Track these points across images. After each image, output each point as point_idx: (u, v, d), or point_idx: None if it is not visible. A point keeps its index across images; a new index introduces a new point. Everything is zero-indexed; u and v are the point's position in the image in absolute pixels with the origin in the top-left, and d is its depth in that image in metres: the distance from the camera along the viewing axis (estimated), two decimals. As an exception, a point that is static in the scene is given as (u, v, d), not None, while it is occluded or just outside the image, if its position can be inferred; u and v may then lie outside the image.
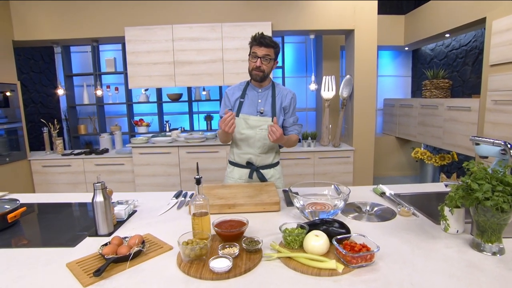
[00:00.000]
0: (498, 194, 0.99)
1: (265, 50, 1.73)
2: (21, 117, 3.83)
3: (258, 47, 1.74)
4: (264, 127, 1.84)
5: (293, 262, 1.00)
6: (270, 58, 1.76)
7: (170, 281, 0.95)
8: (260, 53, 1.73)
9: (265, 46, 1.73)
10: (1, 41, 3.61)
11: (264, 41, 1.73)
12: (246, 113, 1.86)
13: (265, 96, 1.88)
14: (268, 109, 1.86)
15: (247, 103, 1.88)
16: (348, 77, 3.88)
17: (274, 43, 1.77)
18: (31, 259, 1.11)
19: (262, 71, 1.77)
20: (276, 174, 1.99)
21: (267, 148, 1.89)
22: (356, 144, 3.92)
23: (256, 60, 1.75)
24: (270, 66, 1.80)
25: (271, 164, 1.97)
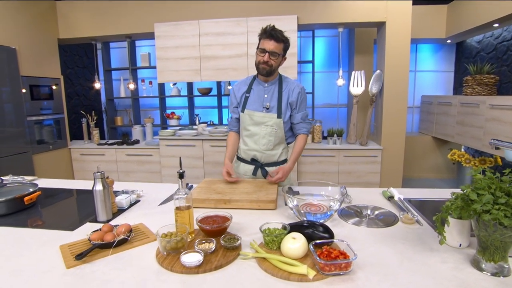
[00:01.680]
0: (499, 207, 0.87)
1: (274, 44, 1.67)
2: (63, 109, 4.16)
3: (268, 40, 1.68)
4: (269, 123, 1.80)
5: (266, 263, 0.98)
6: (278, 54, 1.70)
7: (143, 270, 0.98)
8: (269, 48, 1.67)
9: (275, 40, 1.67)
10: (48, 39, 3.94)
11: (275, 34, 1.66)
12: (251, 109, 1.82)
13: (272, 91, 1.82)
14: (274, 104, 1.80)
15: (252, 98, 1.83)
16: (378, 72, 3.67)
17: (285, 38, 1.71)
18: (33, 239, 1.21)
19: (270, 65, 1.71)
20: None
21: (272, 145, 1.85)
22: (384, 143, 3.71)
23: (264, 55, 1.70)
24: (278, 61, 1.74)
25: (277, 162, 1.91)
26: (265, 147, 1.85)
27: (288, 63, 3.69)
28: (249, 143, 1.88)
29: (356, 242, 1.14)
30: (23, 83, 3.53)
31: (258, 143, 1.85)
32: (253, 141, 1.86)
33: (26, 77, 3.57)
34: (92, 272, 0.98)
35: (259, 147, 1.86)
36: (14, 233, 1.28)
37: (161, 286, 0.90)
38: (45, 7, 3.90)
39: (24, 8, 3.59)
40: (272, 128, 1.82)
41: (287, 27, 3.59)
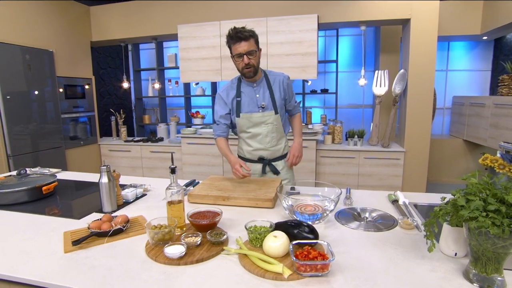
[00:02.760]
0: (489, 214, 0.82)
1: (246, 44, 1.62)
2: (94, 107, 4.44)
3: (238, 43, 1.63)
4: (269, 121, 1.83)
5: (246, 260, 0.99)
6: (254, 50, 1.66)
7: (131, 258, 1.04)
8: (243, 50, 1.63)
9: (244, 40, 1.62)
10: (82, 42, 4.23)
11: (241, 34, 1.61)
12: (248, 111, 1.82)
13: (262, 89, 1.82)
14: (268, 102, 1.82)
15: (245, 101, 1.81)
16: (402, 72, 3.52)
17: (251, 32, 1.66)
18: (45, 225, 1.32)
19: (252, 66, 1.68)
20: (286, 166, 1.97)
21: (276, 140, 1.89)
22: (408, 146, 3.55)
23: (242, 59, 1.66)
24: (258, 57, 1.71)
25: (281, 155, 1.95)
26: (270, 144, 1.88)
27: (306, 63, 3.66)
28: (252, 144, 1.90)
29: (346, 244, 1.12)
30: (59, 83, 3.81)
31: (263, 142, 1.88)
32: (257, 141, 1.88)
33: (61, 78, 3.85)
34: (85, 257, 1.05)
35: (264, 146, 1.89)
36: (30, 219, 1.40)
37: (142, 274, 0.95)
38: (80, 12, 4.19)
39: (61, 14, 3.88)
40: (272, 125, 1.85)
41: (307, 26, 3.57)
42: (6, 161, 3.26)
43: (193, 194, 1.57)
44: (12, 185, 1.62)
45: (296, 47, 3.66)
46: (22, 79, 3.37)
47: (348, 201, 1.56)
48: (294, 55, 3.68)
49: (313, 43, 3.59)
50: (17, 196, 1.57)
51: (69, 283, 0.90)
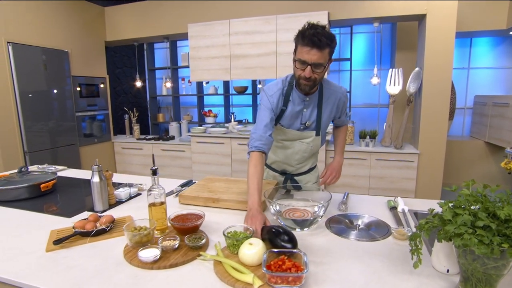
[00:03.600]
0: (476, 231, 0.74)
1: (318, 54, 1.24)
2: (108, 105, 4.55)
3: (309, 48, 1.24)
4: (306, 141, 1.57)
5: (219, 267, 0.96)
6: (323, 64, 1.28)
7: (108, 260, 1.03)
8: (311, 59, 1.25)
9: (318, 48, 1.23)
10: (96, 42, 4.34)
11: (318, 40, 1.21)
12: (286, 125, 1.53)
13: (312, 104, 1.50)
14: (313, 119, 1.52)
15: (289, 112, 1.49)
16: (416, 70, 3.36)
17: (330, 39, 1.25)
18: (36, 223, 1.35)
19: (313, 80, 1.33)
20: (312, 179, 1.77)
21: (305, 159, 1.67)
22: (422, 147, 3.39)
23: (304, 68, 1.29)
24: (323, 72, 1.33)
25: (306, 171, 1.75)
26: (296, 162, 1.66)
27: (317, 61, 3.57)
28: (279, 155, 1.67)
29: (330, 254, 1.06)
30: (74, 82, 3.93)
31: (291, 158, 1.64)
32: (284, 155, 1.65)
33: (76, 77, 3.97)
34: (64, 257, 1.05)
35: (289, 162, 1.66)
36: (25, 215, 1.43)
37: (114, 276, 0.94)
38: (95, 13, 4.29)
39: (77, 15, 4.00)
40: (308, 146, 1.59)
41: (317, 23, 3.48)
42: (23, 157, 3.40)
43: (184, 195, 1.56)
44: (12, 182, 1.67)
45: (306, 45, 3.57)
46: (38, 78, 3.50)
47: (343, 207, 1.49)
48: (304, 54, 3.60)
49: (323, 41, 3.49)
50: (17, 193, 1.62)
51: (38, 283, 0.91)
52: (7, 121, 3.29)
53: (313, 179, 1.78)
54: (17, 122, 3.35)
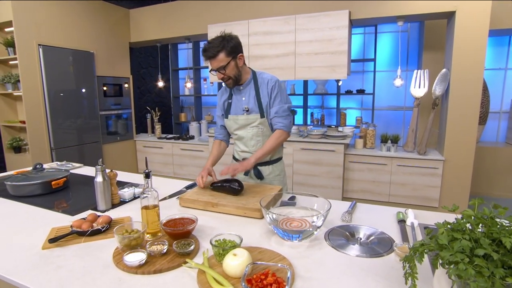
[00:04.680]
0: (474, 260, 0.65)
1: (214, 61, 1.60)
2: (130, 105, 4.69)
3: (209, 61, 1.63)
4: (254, 124, 1.77)
5: (202, 277, 0.93)
6: (224, 65, 1.61)
7: (97, 261, 1.04)
8: (213, 67, 1.62)
9: (211, 57, 1.59)
10: (121, 43, 4.49)
11: (207, 54, 1.60)
12: (234, 113, 1.81)
13: (248, 92, 1.76)
14: (252, 105, 1.75)
15: (234, 102, 1.81)
16: (444, 71, 3.15)
17: (219, 46, 1.58)
18: (42, 219, 1.40)
19: (229, 78, 1.66)
20: (275, 171, 1.88)
21: (262, 144, 1.81)
22: (448, 154, 3.18)
23: (216, 74, 1.66)
24: (233, 68, 1.64)
25: (269, 161, 1.86)
26: (254, 148, 1.82)
27: (336, 62, 3.46)
28: (239, 145, 1.89)
29: (322, 270, 1.00)
30: (98, 82, 4.09)
31: (247, 145, 1.84)
32: (243, 144, 1.86)
33: (101, 77, 4.13)
34: (57, 256, 1.07)
35: (248, 149, 1.85)
36: (33, 211, 1.49)
37: (99, 278, 0.94)
38: (121, 15, 4.44)
39: (103, 17, 4.16)
40: (258, 129, 1.78)
41: (337, 23, 3.37)
42: (49, 154, 3.59)
43: (184, 198, 1.55)
44: (26, 178, 1.74)
45: (326, 46, 3.47)
46: (65, 78, 3.68)
47: (347, 217, 1.41)
48: (323, 54, 3.50)
49: (343, 41, 3.38)
50: (30, 189, 1.69)
51: (25, 281, 0.93)
52: (37, 119, 3.48)
53: (276, 172, 1.88)
54: (45, 120, 3.54)
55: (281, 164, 1.92)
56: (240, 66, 1.69)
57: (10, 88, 3.58)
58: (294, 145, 3.73)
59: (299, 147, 3.71)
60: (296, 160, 3.75)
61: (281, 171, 1.91)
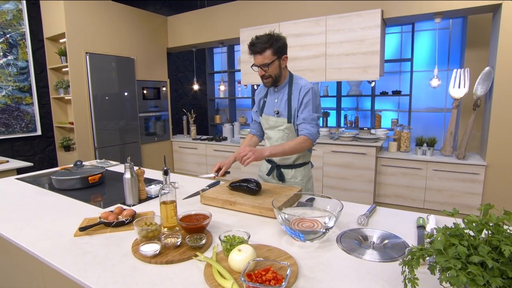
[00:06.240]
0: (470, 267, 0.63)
1: (260, 57, 1.64)
2: (168, 107, 4.95)
3: (253, 56, 1.67)
4: (281, 128, 1.80)
5: (208, 269, 0.98)
6: (269, 63, 1.64)
7: (117, 250, 1.13)
8: (257, 62, 1.66)
9: (258, 53, 1.64)
10: (159, 49, 4.76)
11: (254, 49, 1.64)
12: (266, 113, 1.87)
13: (281, 95, 1.79)
14: (283, 109, 1.79)
15: (268, 102, 1.86)
16: (487, 70, 2.92)
17: (267, 43, 1.62)
18: (77, 210, 1.55)
19: (269, 76, 1.69)
20: (297, 176, 1.88)
21: None
22: (491, 159, 2.94)
23: (257, 70, 1.70)
24: (276, 67, 1.68)
25: (292, 164, 1.87)
26: None
27: (368, 62, 3.36)
28: (267, 144, 1.93)
29: (328, 271, 1.00)
30: (138, 86, 4.38)
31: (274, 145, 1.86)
32: (270, 143, 1.90)
33: (140, 81, 4.41)
34: (85, 243, 1.19)
35: None
36: (71, 203, 1.66)
37: (117, 265, 1.03)
38: (159, 23, 4.71)
39: (143, 25, 4.44)
40: (284, 133, 1.81)
41: (369, 22, 3.28)
42: (93, 152, 3.91)
43: (205, 196, 1.62)
44: (68, 173, 1.94)
45: (357, 46, 3.39)
46: (108, 83, 3.99)
47: (363, 221, 1.38)
48: (354, 55, 3.42)
49: (375, 41, 3.27)
50: (70, 183, 1.88)
51: (56, 262, 1.05)
52: (83, 120, 3.82)
53: (299, 177, 1.88)
54: (90, 121, 3.87)
55: (305, 170, 1.90)
56: (283, 67, 1.72)
57: (62, 93, 3.96)
58: (325, 148, 3.68)
59: (329, 150, 3.66)
60: (326, 162, 3.70)
61: (304, 177, 1.89)
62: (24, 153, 3.85)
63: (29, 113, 3.83)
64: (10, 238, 1.26)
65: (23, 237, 1.25)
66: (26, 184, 2.02)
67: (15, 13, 3.65)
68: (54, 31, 3.76)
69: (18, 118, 3.74)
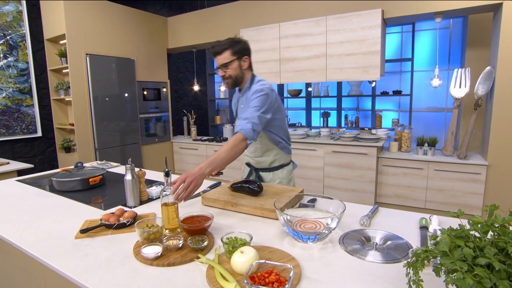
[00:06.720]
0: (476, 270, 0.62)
1: (220, 57, 1.66)
2: (168, 108, 4.94)
3: (215, 58, 1.69)
4: None
5: (211, 272, 0.97)
6: (227, 62, 1.66)
7: (119, 252, 1.13)
8: (218, 63, 1.68)
9: (218, 54, 1.66)
10: (159, 50, 4.76)
11: (214, 50, 1.68)
12: (238, 118, 1.86)
13: (244, 99, 1.76)
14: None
15: (239, 108, 1.85)
16: (488, 69, 2.91)
17: (226, 45, 1.65)
18: (77, 211, 1.54)
19: (229, 77, 1.69)
20: (275, 179, 1.88)
21: (260, 152, 1.85)
22: (492, 158, 2.93)
23: (218, 71, 1.71)
24: (236, 68, 1.67)
25: (269, 167, 1.87)
26: (253, 154, 1.88)
27: (369, 62, 3.36)
28: (246, 151, 1.93)
29: (330, 273, 0.99)
30: (138, 87, 4.37)
31: (248, 150, 1.89)
32: (247, 151, 1.91)
33: (140, 82, 4.41)
34: (86, 245, 1.19)
35: (248, 154, 1.91)
36: (72, 204, 1.65)
37: (118, 267, 1.02)
38: (159, 23, 4.71)
39: (143, 26, 4.44)
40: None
41: (370, 22, 3.28)
42: (94, 154, 3.90)
43: (206, 197, 1.61)
44: (68, 175, 1.93)
45: (358, 46, 3.39)
46: (108, 84, 3.98)
47: (365, 221, 1.38)
48: (355, 55, 3.42)
49: (376, 41, 3.27)
50: (71, 185, 1.87)
51: (57, 264, 1.04)
52: (84, 122, 3.82)
53: (277, 180, 1.87)
54: (90, 122, 3.86)
55: (284, 172, 1.87)
56: (244, 68, 1.71)
57: (62, 94, 3.96)
58: (325, 148, 3.67)
59: (330, 150, 3.65)
60: (327, 163, 3.69)
61: (282, 179, 1.87)
62: (24, 155, 3.84)
63: (29, 114, 3.82)
64: (11, 240, 1.25)
65: (23, 239, 1.24)
66: (26, 186, 2.02)
67: (15, 15, 3.64)
68: (54, 32, 3.76)
69: (18, 119, 3.73)
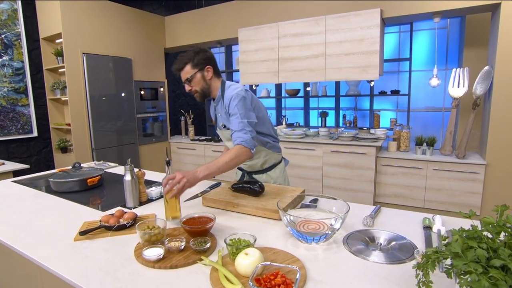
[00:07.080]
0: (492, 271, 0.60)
1: (182, 73, 1.63)
2: (165, 108, 4.91)
3: (177, 73, 1.66)
4: None
5: (214, 274, 0.96)
6: (190, 76, 1.62)
7: (120, 254, 1.10)
8: (182, 78, 1.65)
9: (178, 70, 1.63)
10: (156, 49, 4.73)
11: (175, 67, 1.64)
12: (219, 127, 1.85)
13: (220, 107, 1.76)
14: (227, 121, 1.72)
15: (217, 116, 1.83)
16: (486, 69, 2.92)
17: (186, 59, 1.61)
18: (77, 213, 1.52)
19: (195, 91, 1.66)
20: (269, 180, 1.86)
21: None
22: (490, 158, 2.94)
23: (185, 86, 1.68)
24: (199, 81, 1.63)
25: (261, 170, 1.87)
26: None
27: (368, 62, 3.36)
28: None
29: (334, 274, 0.98)
30: (135, 86, 4.34)
31: None
32: None
33: (137, 81, 4.37)
34: (86, 247, 1.16)
35: None
36: (70, 206, 1.62)
37: (119, 270, 1.00)
38: (157, 22, 4.68)
39: (140, 25, 4.40)
40: None
41: (368, 22, 3.28)
42: (91, 154, 3.86)
43: (207, 198, 1.59)
44: (66, 176, 1.90)
45: (357, 46, 3.39)
46: (105, 83, 3.94)
47: (369, 222, 1.37)
48: (354, 54, 3.41)
49: (375, 41, 3.27)
50: (69, 186, 1.84)
51: (56, 267, 1.02)
52: (81, 122, 3.77)
53: (272, 180, 1.87)
54: (87, 122, 3.82)
55: (277, 171, 1.88)
56: (209, 78, 1.65)
57: (58, 94, 3.91)
58: (324, 148, 3.67)
59: (329, 150, 3.64)
60: (326, 162, 3.69)
61: (277, 179, 1.87)
62: (20, 155, 3.79)
63: (25, 114, 3.77)
64: (8, 243, 1.22)
65: (21, 242, 1.22)
66: (22, 187, 1.98)
67: (10, 13, 3.59)
68: (50, 31, 3.71)
69: (13, 119, 3.68)
